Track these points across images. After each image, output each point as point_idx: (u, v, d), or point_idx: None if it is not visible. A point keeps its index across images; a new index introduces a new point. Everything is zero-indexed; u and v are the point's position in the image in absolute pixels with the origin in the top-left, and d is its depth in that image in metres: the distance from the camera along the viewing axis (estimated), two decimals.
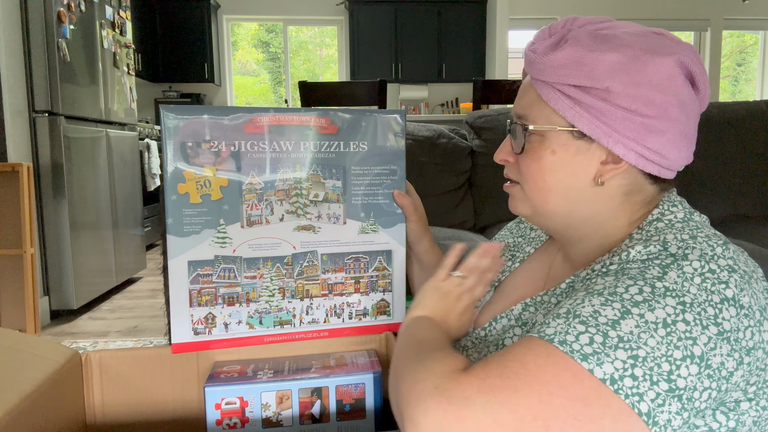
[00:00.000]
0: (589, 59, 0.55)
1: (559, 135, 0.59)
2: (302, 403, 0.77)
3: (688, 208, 0.60)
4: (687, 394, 0.45)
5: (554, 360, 0.45)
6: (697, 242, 0.52)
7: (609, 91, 0.55)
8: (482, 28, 6.21)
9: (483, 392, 0.45)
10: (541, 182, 0.61)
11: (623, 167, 0.57)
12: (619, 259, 0.54)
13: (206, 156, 0.75)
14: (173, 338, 0.78)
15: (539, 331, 0.49)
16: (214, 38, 6.07)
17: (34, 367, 0.71)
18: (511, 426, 0.43)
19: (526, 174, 0.62)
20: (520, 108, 0.63)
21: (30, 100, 2.58)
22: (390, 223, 0.84)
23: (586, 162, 0.58)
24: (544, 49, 0.59)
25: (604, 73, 0.55)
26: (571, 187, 0.60)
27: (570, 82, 0.56)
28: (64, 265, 2.68)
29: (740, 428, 0.50)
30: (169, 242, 0.75)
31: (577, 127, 0.57)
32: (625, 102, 0.55)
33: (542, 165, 0.60)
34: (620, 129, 0.55)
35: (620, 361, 0.45)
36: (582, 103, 0.56)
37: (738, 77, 7.68)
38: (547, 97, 0.58)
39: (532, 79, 0.61)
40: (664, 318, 0.46)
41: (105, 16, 3.07)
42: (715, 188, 2.04)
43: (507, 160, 0.65)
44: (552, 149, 0.59)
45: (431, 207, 2.15)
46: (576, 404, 0.44)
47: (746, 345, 0.47)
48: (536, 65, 0.59)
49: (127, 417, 0.82)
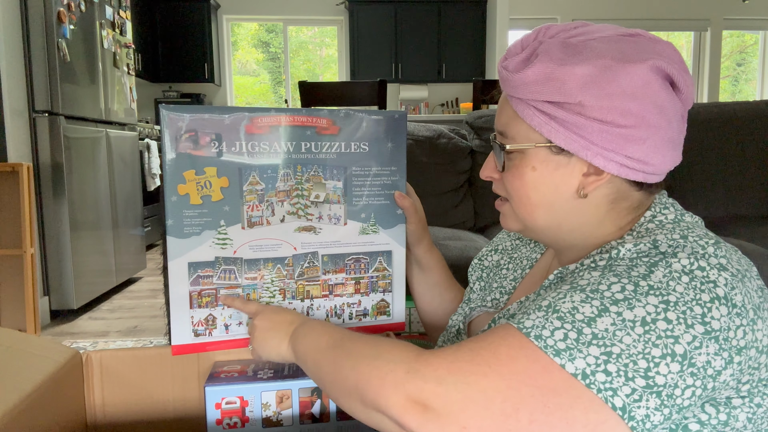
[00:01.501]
0: (560, 74, 0.55)
1: (537, 151, 0.59)
2: (302, 403, 0.77)
3: (680, 209, 0.61)
4: (667, 391, 0.45)
5: (527, 353, 0.47)
6: (687, 241, 0.52)
7: (582, 104, 0.54)
8: (482, 28, 6.21)
9: (453, 372, 0.47)
10: (525, 198, 0.61)
11: (606, 178, 0.57)
12: (609, 256, 0.54)
13: (207, 157, 0.75)
14: (173, 340, 0.78)
15: (518, 321, 0.49)
16: (214, 38, 6.07)
17: (34, 366, 0.71)
18: (482, 403, 0.45)
19: (511, 191, 0.62)
20: (500, 125, 0.63)
21: (30, 100, 2.58)
22: (390, 223, 0.84)
23: (567, 176, 0.58)
24: (515, 66, 0.58)
25: (575, 88, 0.54)
26: (555, 201, 0.60)
27: (543, 98, 0.56)
28: (64, 265, 2.68)
29: (733, 422, 0.50)
30: (169, 244, 0.75)
31: (554, 142, 0.57)
32: (600, 114, 0.54)
33: (525, 182, 0.60)
34: (598, 141, 0.55)
35: (593, 357, 0.45)
36: (557, 118, 0.56)
37: (738, 77, 7.68)
38: (523, 114, 0.58)
39: (507, 96, 0.61)
40: (643, 316, 0.46)
41: (105, 16, 3.07)
42: (715, 188, 2.04)
43: (492, 176, 0.66)
44: (532, 166, 0.59)
45: (431, 207, 2.15)
46: (545, 393, 0.45)
47: (737, 344, 0.47)
48: (509, 82, 0.59)
49: (127, 416, 0.82)
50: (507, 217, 0.66)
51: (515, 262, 0.80)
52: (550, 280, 0.61)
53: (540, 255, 0.78)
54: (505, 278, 0.79)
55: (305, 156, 0.79)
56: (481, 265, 0.85)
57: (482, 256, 0.87)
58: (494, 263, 0.84)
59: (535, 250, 0.79)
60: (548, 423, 0.45)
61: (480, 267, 0.85)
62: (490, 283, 0.81)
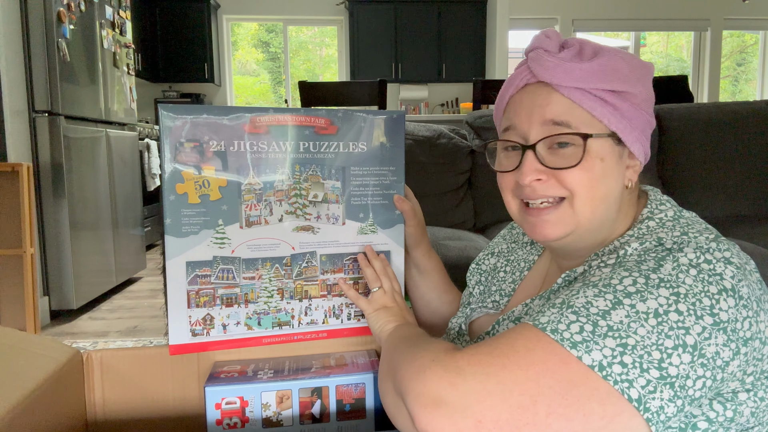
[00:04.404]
0: (620, 65, 0.58)
1: (604, 142, 0.58)
2: (302, 403, 0.77)
3: (676, 205, 0.62)
4: (679, 381, 0.46)
5: (543, 345, 0.47)
6: (690, 237, 0.53)
7: (635, 95, 0.58)
8: (482, 28, 6.20)
9: (473, 364, 0.48)
10: (592, 192, 0.58)
11: (638, 167, 0.61)
12: (617, 256, 0.55)
13: (205, 156, 0.75)
14: (171, 340, 0.78)
15: (534, 319, 0.50)
16: (214, 38, 6.07)
17: (35, 365, 0.71)
18: (499, 396, 0.46)
19: (577, 187, 0.58)
20: (557, 115, 0.58)
21: (30, 100, 2.58)
22: (389, 223, 0.84)
23: (622, 166, 0.60)
24: (572, 56, 0.59)
25: (634, 78, 0.58)
26: (612, 194, 0.59)
27: (607, 88, 0.57)
28: (64, 265, 2.68)
29: (738, 418, 0.51)
30: (168, 243, 0.75)
31: (616, 131, 0.59)
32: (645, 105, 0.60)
33: (595, 174, 0.58)
34: (641, 130, 0.60)
35: (609, 349, 0.46)
36: (618, 108, 0.58)
37: (738, 77, 7.67)
38: (585, 104, 0.58)
39: (556, 86, 0.58)
40: (655, 308, 0.47)
41: (105, 16, 3.07)
42: (715, 188, 2.04)
43: (540, 179, 0.60)
44: (601, 157, 0.58)
45: (431, 207, 2.14)
46: (563, 385, 0.45)
47: (744, 335, 0.48)
48: (566, 72, 0.57)
49: (127, 416, 0.82)
50: (555, 223, 0.60)
51: (512, 264, 0.80)
52: (559, 284, 0.61)
53: (537, 257, 0.78)
54: (503, 281, 0.80)
55: (304, 156, 0.79)
56: (479, 269, 0.86)
57: (479, 260, 0.88)
58: (491, 267, 0.84)
59: (531, 252, 0.80)
60: (565, 415, 0.45)
61: (478, 271, 0.86)
62: (488, 287, 0.82)
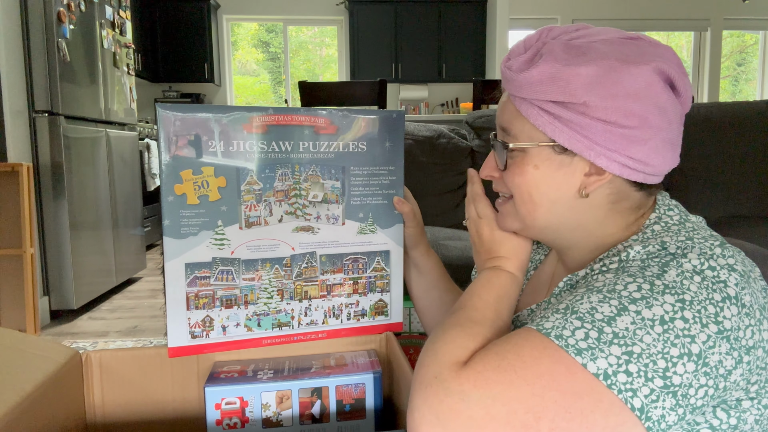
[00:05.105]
0: (565, 74, 0.55)
1: (540, 150, 0.59)
2: (302, 403, 0.77)
3: (684, 210, 0.61)
4: (682, 390, 0.45)
5: (549, 353, 0.47)
6: (694, 242, 0.52)
7: (587, 105, 0.54)
8: (482, 28, 6.20)
9: (479, 387, 0.46)
10: (527, 196, 0.61)
11: (607, 178, 0.57)
12: (619, 259, 0.55)
13: (204, 156, 0.75)
14: (170, 342, 0.78)
15: (538, 325, 0.50)
16: (214, 38, 6.07)
17: (34, 366, 0.71)
18: (503, 419, 0.45)
19: (513, 188, 0.62)
20: (502, 123, 0.63)
21: (30, 100, 2.58)
22: (388, 223, 0.84)
23: (569, 175, 0.58)
24: (519, 66, 0.58)
25: (580, 88, 0.54)
26: (556, 201, 0.60)
27: (547, 98, 0.56)
28: (64, 265, 2.68)
29: (742, 426, 0.50)
30: (166, 244, 0.75)
31: (558, 141, 0.57)
32: (604, 115, 0.54)
33: (527, 180, 0.60)
34: (601, 141, 0.55)
35: (614, 357, 0.45)
36: (561, 118, 0.56)
37: (738, 77, 7.67)
38: (527, 113, 0.58)
39: (510, 95, 0.61)
40: (661, 315, 0.47)
41: (105, 16, 3.07)
42: (715, 188, 2.03)
43: (492, 175, 0.66)
44: (534, 164, 0.59)
45: (431, 207, 2.15)
46: (567, 398, 0.45)
47: (746, 344, 0.48)
48: (513, 82, 0.59)
49: (127, 417, 0.82)
50: (507, 216, 0.66)
51: None
52: (560, 287, 0.61)
53: (543, 256, 0.78)
54: None
55: (303, 155, 0.79)
56: None
57: None
58: None
59: (538, 251, 0.79)
60: (568, 430, 0.45)
61: None
62: None
